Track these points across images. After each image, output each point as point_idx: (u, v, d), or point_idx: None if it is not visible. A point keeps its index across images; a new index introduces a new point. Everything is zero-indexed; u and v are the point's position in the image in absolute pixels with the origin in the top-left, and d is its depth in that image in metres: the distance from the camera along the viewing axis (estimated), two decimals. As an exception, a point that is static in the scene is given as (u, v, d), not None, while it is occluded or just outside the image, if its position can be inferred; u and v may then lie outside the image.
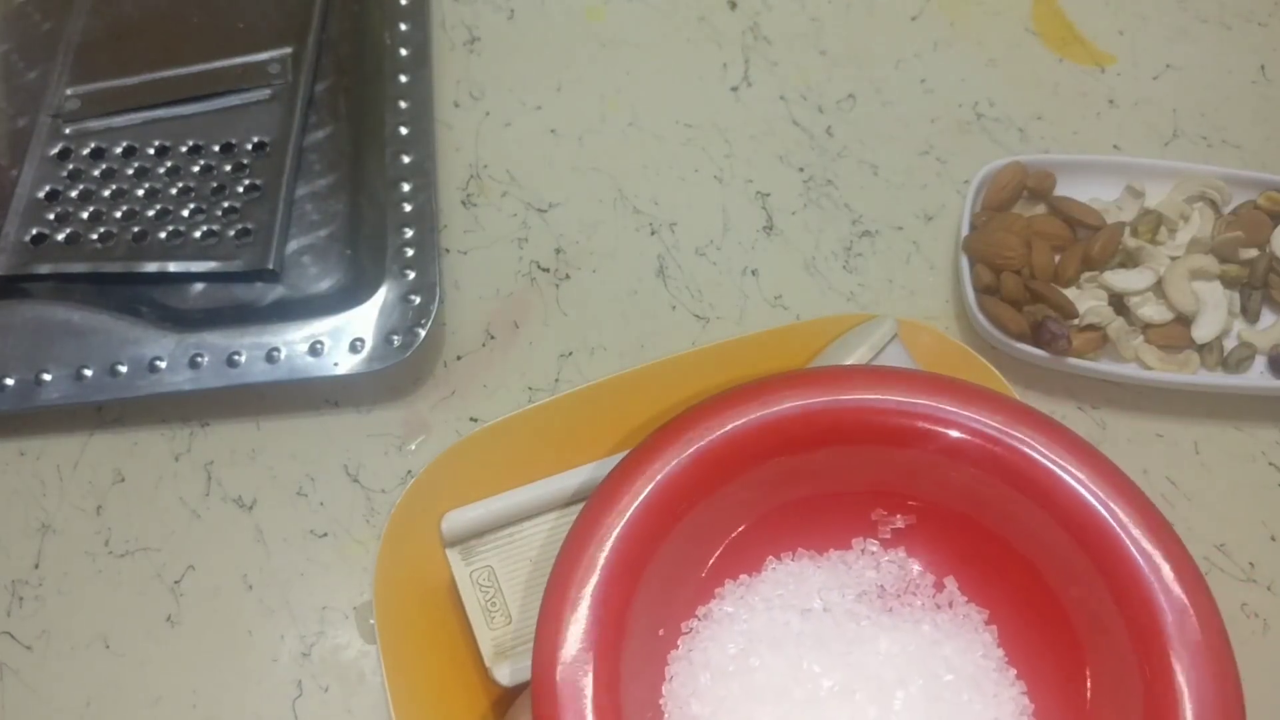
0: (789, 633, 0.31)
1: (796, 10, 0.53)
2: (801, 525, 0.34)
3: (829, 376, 0.33)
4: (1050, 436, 0.32)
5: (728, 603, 0.33)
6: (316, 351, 0.41)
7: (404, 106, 0.47)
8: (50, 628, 0.39)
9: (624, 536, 0.30)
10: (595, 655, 0.29)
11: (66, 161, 0.46)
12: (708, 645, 0.32)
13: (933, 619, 0.32)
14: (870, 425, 0.32)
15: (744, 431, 0.32)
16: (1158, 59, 0.51)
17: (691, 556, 0.33)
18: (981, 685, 0.31)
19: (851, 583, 0.33)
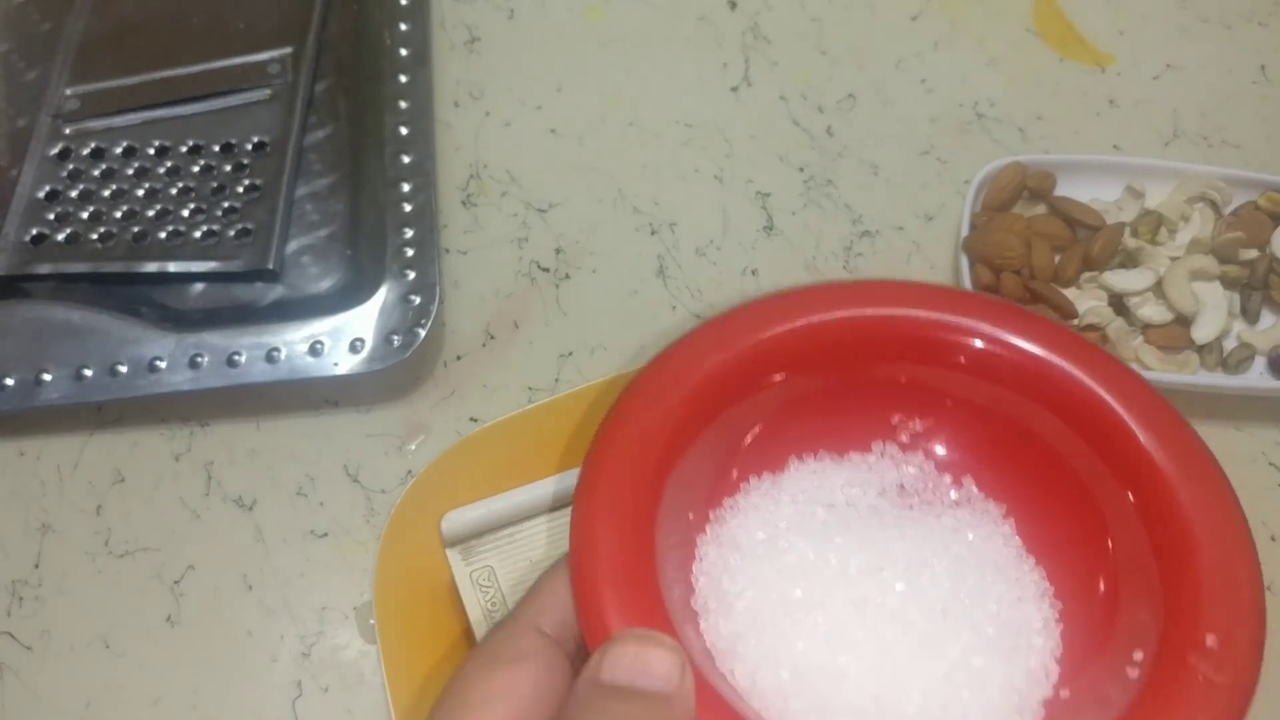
0: (815, 522, 0.33)
1: (796, 10, 0.53)
2: (823, 429, 0.35)
3: (857, 291, 0.35)
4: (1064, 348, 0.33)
5: (753, 496, 0.34)
6: (316, 351, 0.41)
7: (404, 106, 0.47)
8: (50, 628, 0.39)
9: (660, 424, 0.31)
10: (632, 524, 0.29)
11: (66, 161, 0.46)
12: (736, 531, 0.33)
13: (953, 513, 0.34)
14: (890, 339, 0.34)
15: (774, 340, 0.33)
16: (1158, 59, 0.51)
17: (720, 454, 0.34)
18: (1003, 568, 0.32)
19: (873, 481, 0.34)
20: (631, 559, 0.29)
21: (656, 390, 0.32)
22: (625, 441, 0.31)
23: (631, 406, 0.32)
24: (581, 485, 0.30)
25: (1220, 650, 0.27)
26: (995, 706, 0.29)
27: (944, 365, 0.34)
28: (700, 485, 0.33)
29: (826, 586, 0.31)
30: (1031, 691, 0.30)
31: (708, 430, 0.33)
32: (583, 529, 0.29)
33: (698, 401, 0.32)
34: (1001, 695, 0.30)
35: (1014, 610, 0.31)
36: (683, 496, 0.32)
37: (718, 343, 0.33)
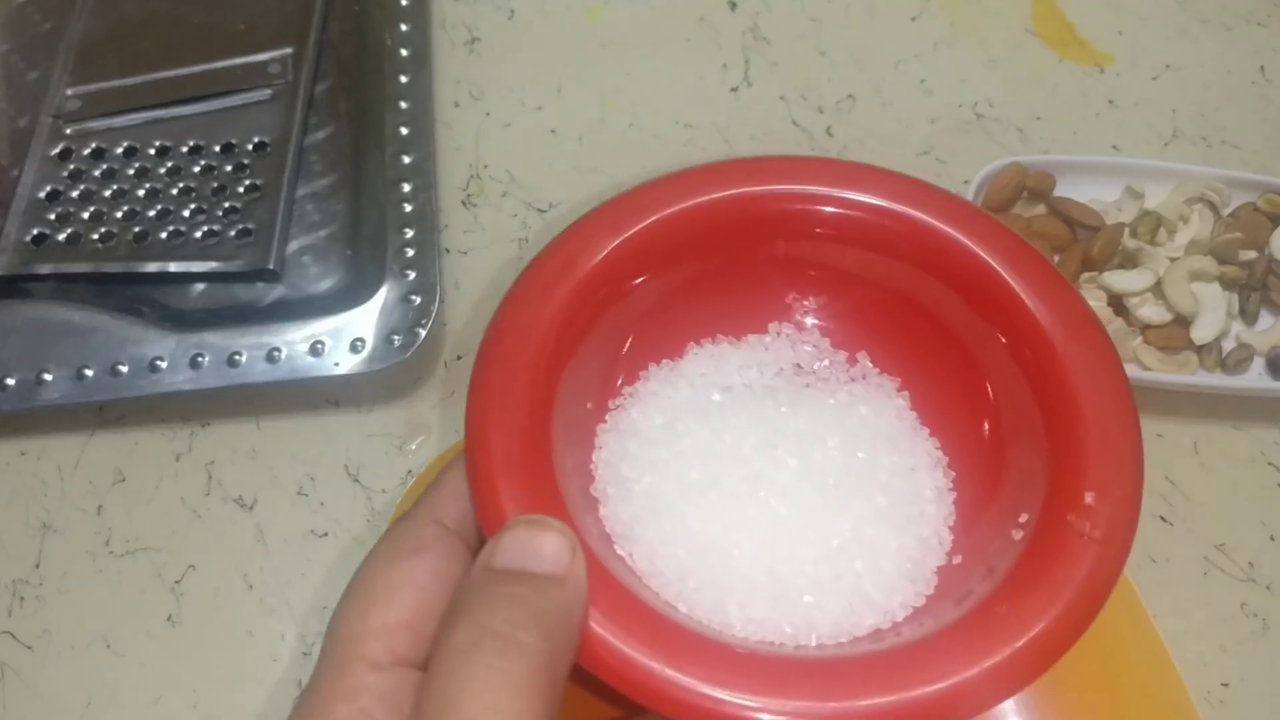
0: (711, 405, 0.33)
1: (796, 10, 0.53)
2: (719, 313, 0.35)
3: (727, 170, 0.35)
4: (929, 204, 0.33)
5: (652, 382, 0.34)
6: (317, 351, 0.41)
7: (404, 107, 0.47)
8: (51, 627, 0.39)
9: (551, 316, 0.31)
10: (527, 415, 0.29)
11: (67, 162, 0.46)
12: (635, 417, 0.33)
13: (848, 389, 0.34)
14: (763, 214, 0.34)
15: (660, 224, 0.33)
16: (1157, 59, 0.51)
17: (614, 344, 0.34)
18: (896, 441, 0.33)
19: (770, 361, 0.35)
20: (526, 449, 0.29)
21: (545, 281, 0.32)
22: (516, 333, 0.31)
23: (520, 299, 0.32)
24: (474, 379, 0.30)
25: (1097, 507, 0.28)
26: (887, 574, 0.30)
27: (817, 238, 0.34)
28: (598, 374, 0.33)
29: (722, 466, 0.31)
30: (925, 559, 0.31)
31: (600, 321, 0.33)
32: (476, 421, 0.29)
33: (588, 291, 0.32)
34: (894, 564, 0.30)
35: (906, 480, 0.32)
36: (580, 386, 0.32)
37: (603, 231, 0.33)
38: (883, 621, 0.30)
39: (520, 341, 0.31)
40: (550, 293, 0.32)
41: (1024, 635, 0.26)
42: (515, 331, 0.31)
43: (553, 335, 0.31)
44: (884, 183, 0.34)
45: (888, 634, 0.29)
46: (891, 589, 0.30)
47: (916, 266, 0.34)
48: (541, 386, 0.30)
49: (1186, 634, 0.38)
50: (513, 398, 0.30)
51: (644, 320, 0.35)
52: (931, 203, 0.33)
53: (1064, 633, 0.27)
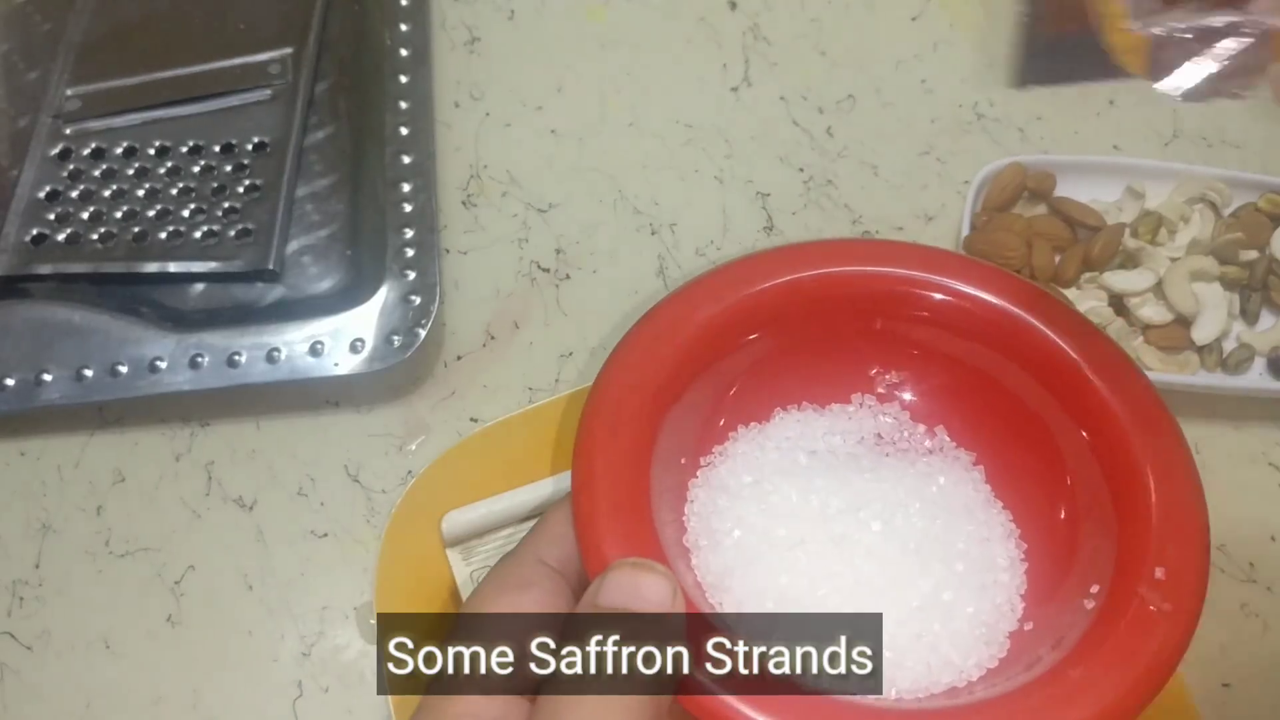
0: (798, 467, 0.35)
1: (796, 10, 0.53)
2: (806, 382, 0.37)
3: (833, 250, 0.37)
4: (1022, 299, 0.35)
5: (741, 444, 0.36)
6: (317, 352, 0.41)
7: (404, 107, 0.47)
8: (51, 628, 0.39)
9: (654, 374, 0.33)
10: (630, 464, 0.32)
11: (67, 162, 0.46)
12: (724, 475, 0.35)
13: (926, 460, 0.36)
14: (861, 293, 0.36)
15: (758, 296, 0.36)
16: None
17: (709, 404, 0.36)
18: (972, 511, 0.35)
19: (852, 429, 0.37)
20: (628, 496, 0.31)
21: (650, 341, 0.34)
22: (622, 389, 0.33)
23: (627, 358, 0.34)
24: (582, 428, 0.32)
25: (1167, 581, 0.29)
26: (963, 637, 0.32)
27: (911, 319, 0.36)
28: (691, 433, 0.35)
29: (808, 525, 0.33)
30: (998, 624, 0.32)
31: (698, 381, 0.35)
32: (583, 467, 0.31)
33: (689, 353, 0.34)
34: (969, 627, 0.32)
35: (982, 549, 0.34)
36: (675, 443, 0.34)
37: (707, 298, 0.35)
38: (958, 680, 0.31)
39: (626, 394, 0.33)
40: (658, 351, 0.34)
41: (1098, 701, 0.28)
42: (623, 384, 0.33)
43: (657, 390, 0.33)
44: (986, 277, 0.36)
45: (962, 692, 0.31)
46: (967, 650, 0.31)
47: (1002, 354, 0.36)
48: (644, 439, 0.32)
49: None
50: (618, 447, 0.32)
51: (738, 382, 0.37)
52: (1020, 296, 0.35)
53: (1135, 699, 0.28)
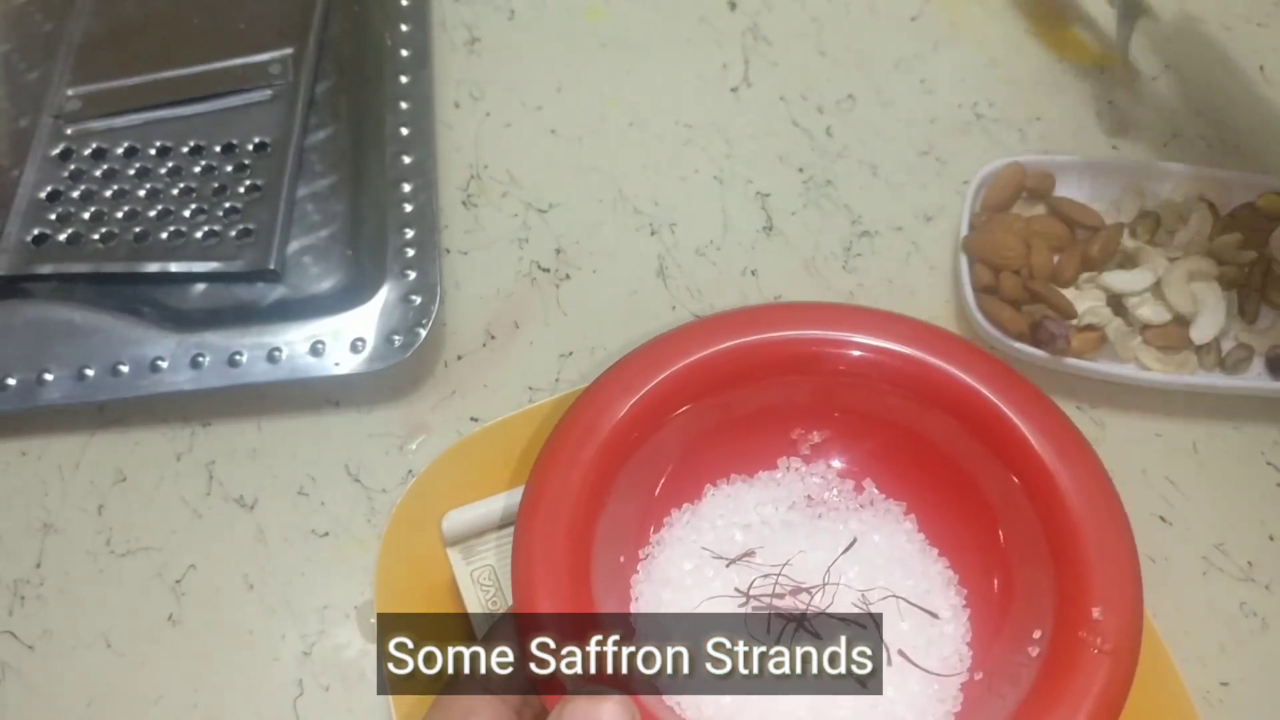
0: (734, 545, 0.35)
1: (796, 10, 0.53)
2: (731, 454, 0.38)
3: (740, 319, 0.37)
4: (938, 348, 0.36)
5: (676, 529, 0.36)
6: (317, 351, 0.41)
7: (404, 107, 0.47)
8: (52, 627, 0.39)
9: (582, 478, 0.33)
10: (569, 572, 0.32)
11: (68, 162, 0.46)
12: (665, 565, 0.35)
13: (859, 516, 0.36)
14: (777, 358, 0.36)
15: (671, 378, 0.36)
16: (1158, 59, 0.51)
17: (639, 492, 0.36)
18: (909, 564, 0.35)
19: (783, 496, 0.37)
20: (572, 611, 0.31)
21: (571, 447, 0.34)
22: (549, 501, 0.33)
23: (549, 467, 0.34)
24: (515, 551, 0.32)
25: (1106, 620, 0.30)
26: (917, 698, 0.32)
27: (832, 376, 0.37)
28: (626, 529, 0.35)
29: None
30: (949, 678, 0.33)
31: (623, 474, 0.35)
32: (523, 592, 0.31)
33: (610, 451, 0.34)
34: (921, 686, 0.32)
35: (923, 601, 0.34)
36: (612, 544, 0.34)
37: (620, 388, 0.35)
38: None
39: (554, 506, 0.32)
40: (575, 459, 0.34)
41: None
42: (548, 498, 0.33)
43: (583, 497, 0.33)
44: (902, 330, 0.36)
45: None
46: (923, 710, 0.32)
47: (925, 404, 0.36)
48: (579, 551, 0.32)
49: (1186, 634, 0.38)
50: (555, 567, 0.31)
51: (667, 466, 0.37)
52: (937, 346, 0.36)
53: None
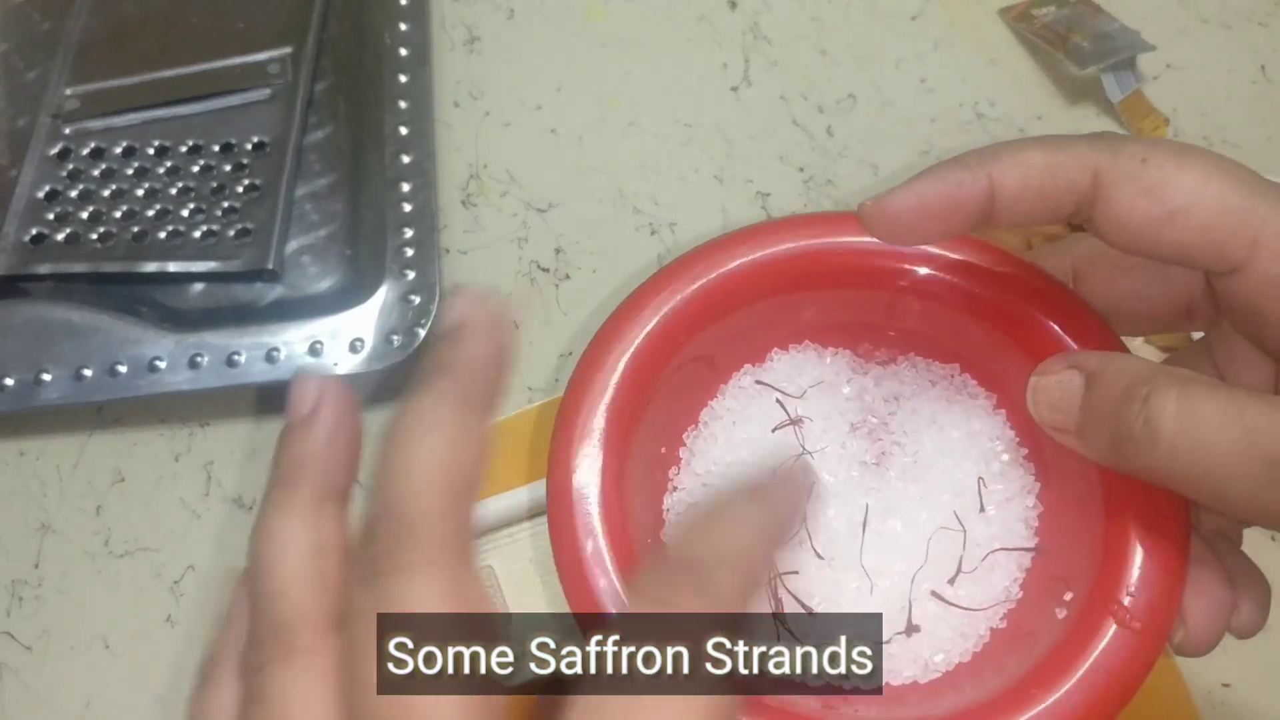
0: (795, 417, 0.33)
1: (796, 10, 0.53)
2: (802, 329, 0.35)
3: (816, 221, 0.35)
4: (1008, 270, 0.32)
5: (727, 412, 0.34)
6: (316, 351, 0.41)
7: (404, 106, 0.47)
8: (50, 628, 0.39)
9: (631, 364, 0.32)
10: (605, 461, 0.31)
11: (66, 161, 0.46)
12: (713, 456, 0.34)
13: (941, 392, 0.34)
14: (850, 268, 0.33)
15: (740, 272, 0.33)
16: (1157, 59, 0.51)
17: (688, 389, 0.34)
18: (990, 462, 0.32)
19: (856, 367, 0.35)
20: (607, 494, 0.30)
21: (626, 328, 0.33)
22: (599, 376, 0.32)
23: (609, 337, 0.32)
24: (558, 431, 0.31)
25: (1142, 597, 0.28)
26: (944, 624, 0.31)
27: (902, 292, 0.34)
28: (671, 425, 0.34)
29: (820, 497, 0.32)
30: (985, 614, 0.31)
31: (676, 360, 0.33)
32: (560, 472, 0.30)
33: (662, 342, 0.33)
34: (959, 615, 0.31)
35: (1001, 511, 0.32)
36: (655, 436, 0.33)
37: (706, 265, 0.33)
38: (920, 674, 0.31)
39: (602, 386, 0.32)
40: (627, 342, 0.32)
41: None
42: (599, 372, 0.32)
43: (631, 378, 0.32)
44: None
45: (920, 693, 0.30)
46: (946, 642, 0.31)
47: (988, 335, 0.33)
48: (620, 434, 0.31)
49: (1187, 634, 0.38)
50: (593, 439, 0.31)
51: (715, 368, 0.35)
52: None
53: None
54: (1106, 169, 0.24)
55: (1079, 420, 0.25)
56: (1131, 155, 0.24)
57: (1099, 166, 0.24)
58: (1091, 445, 0.25)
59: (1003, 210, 0.26)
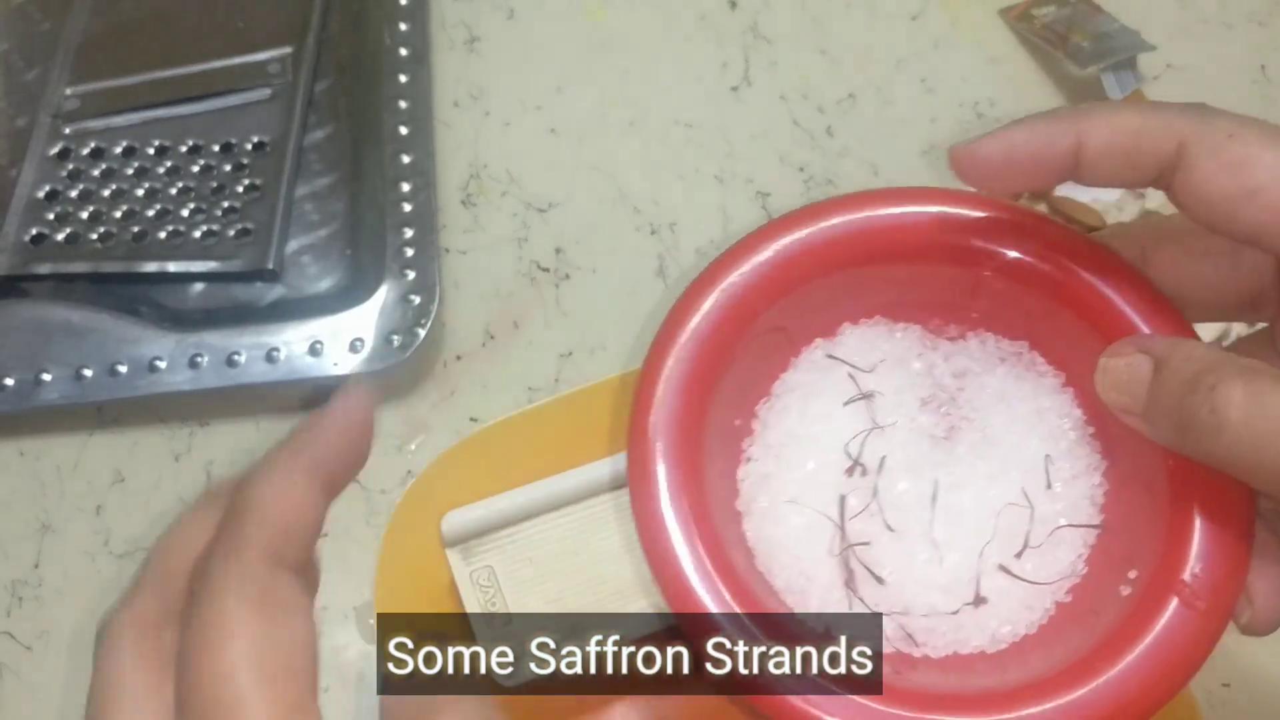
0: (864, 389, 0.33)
1: (796, 10, 0.53)
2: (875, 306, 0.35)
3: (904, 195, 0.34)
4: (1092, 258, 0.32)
5: (801, 381, 0.34)
6: (316, 351, 0.41)
7: (403, 106, 0.47)
8: (50, 628, 0.39)
9: (708, 336, 0.32)
10: (678, 429, 0.30)
11: (66, 161, 0.46)
12: (788, 426, 0.33)
13: (1011, 368, 0.33)
14: (936, 244, 0.33)
15: (816, 241, 0.33)
16: (1158, 59, 0.51)
17: (762, 360, 0.34)
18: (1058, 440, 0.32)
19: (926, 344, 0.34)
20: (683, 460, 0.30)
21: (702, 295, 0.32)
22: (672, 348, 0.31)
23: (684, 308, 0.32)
24: (638, 389, 0.31)
25: (1206, 577, 0.28)
26: (1010, 598, 0.31)
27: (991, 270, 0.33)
28: (746, 395, 0.34)
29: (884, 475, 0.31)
30: (1050, 588, 0.31)
31: (750, 332, 0.33)
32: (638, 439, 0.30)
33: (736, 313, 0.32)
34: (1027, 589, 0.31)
35: (1068, 489, 0.31)
36: (729, 407, 0.33)
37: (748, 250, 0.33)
38: (988, 645, 0.30)
39: (679, 360, 0.31)
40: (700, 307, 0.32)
41: (1122, 695, 0.27)
42: (673, 344, 0.32)
43: (709, 348, 0.32)
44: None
45: (989, 663, 0.30)
46: (1010, 614, 0.31)
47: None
48: (694, 403, 0.31)
49: (1187, 634, 0.38)
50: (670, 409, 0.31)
51: (789, 340, 0.34)
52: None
53: (1156, 695, 0.27)
54: (1193, 139, 0.24)
55: (1145, 404, 0.26)
56: (1219, 129, 0.24)
57: (1186, 135, 0.24)
58: (1157, 429, 0.26)
59: (1087, 167, 0.26)
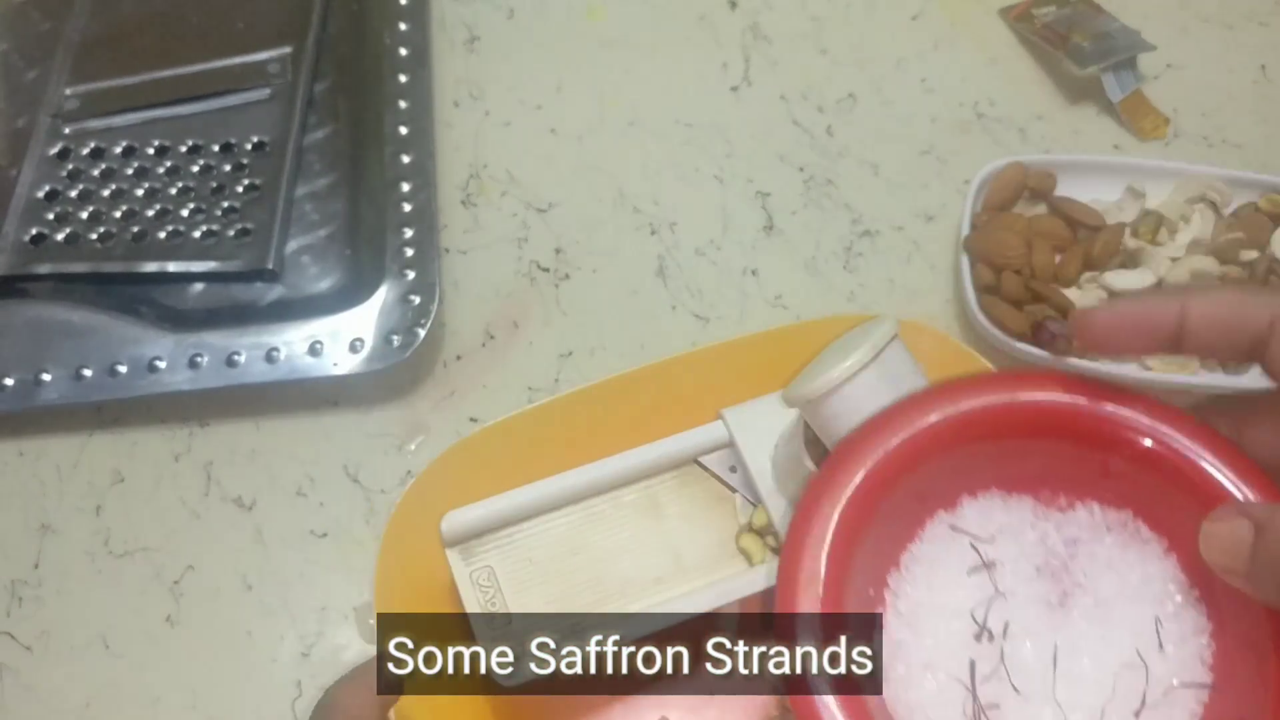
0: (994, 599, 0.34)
1: (796, 10, 0.52)
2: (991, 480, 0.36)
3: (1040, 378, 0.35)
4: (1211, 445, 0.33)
5: (926, 556, 0.35)
6: (316, 351, 0.41)
7: (403, 106, 0.47)
8: (50, 628, 0.39)
9: (848, 508, 0.33)
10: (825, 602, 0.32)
11: (66, 161, 0.46)
12: (916, 597, 0.34)
13: (1115, 540, 0.34)
14: (1071, 426, 0.34)
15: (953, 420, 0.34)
16: (1158, 59, 0.51)
17: (891, 533, 0.35)
18: (1164, 602, 0.33)
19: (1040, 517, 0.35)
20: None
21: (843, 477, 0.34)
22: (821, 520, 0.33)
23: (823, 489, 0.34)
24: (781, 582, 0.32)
25: None
26: None
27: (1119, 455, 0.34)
28: (877, 568, 0.35)
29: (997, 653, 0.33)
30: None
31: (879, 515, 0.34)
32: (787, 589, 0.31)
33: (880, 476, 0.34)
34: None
35: (1178, 649, 0.32)
36: (864, 579, 0.34)
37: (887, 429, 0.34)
38: None
39: (824, 526, 0.33)
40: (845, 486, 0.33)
41: None
42: (821, 518, 0.33)
43: (850, 516, 0.33)
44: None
45: None
46: None
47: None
48: (838, 575, 0.32)
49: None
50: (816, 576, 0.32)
51: (918, 510, 0.36)
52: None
53: None
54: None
55: (1249, 565, 0.28)
56: None
57: (1278, 313, 0.27)
58: (1261, 588, 0.28)
59: (1190, 337, 0.28)
